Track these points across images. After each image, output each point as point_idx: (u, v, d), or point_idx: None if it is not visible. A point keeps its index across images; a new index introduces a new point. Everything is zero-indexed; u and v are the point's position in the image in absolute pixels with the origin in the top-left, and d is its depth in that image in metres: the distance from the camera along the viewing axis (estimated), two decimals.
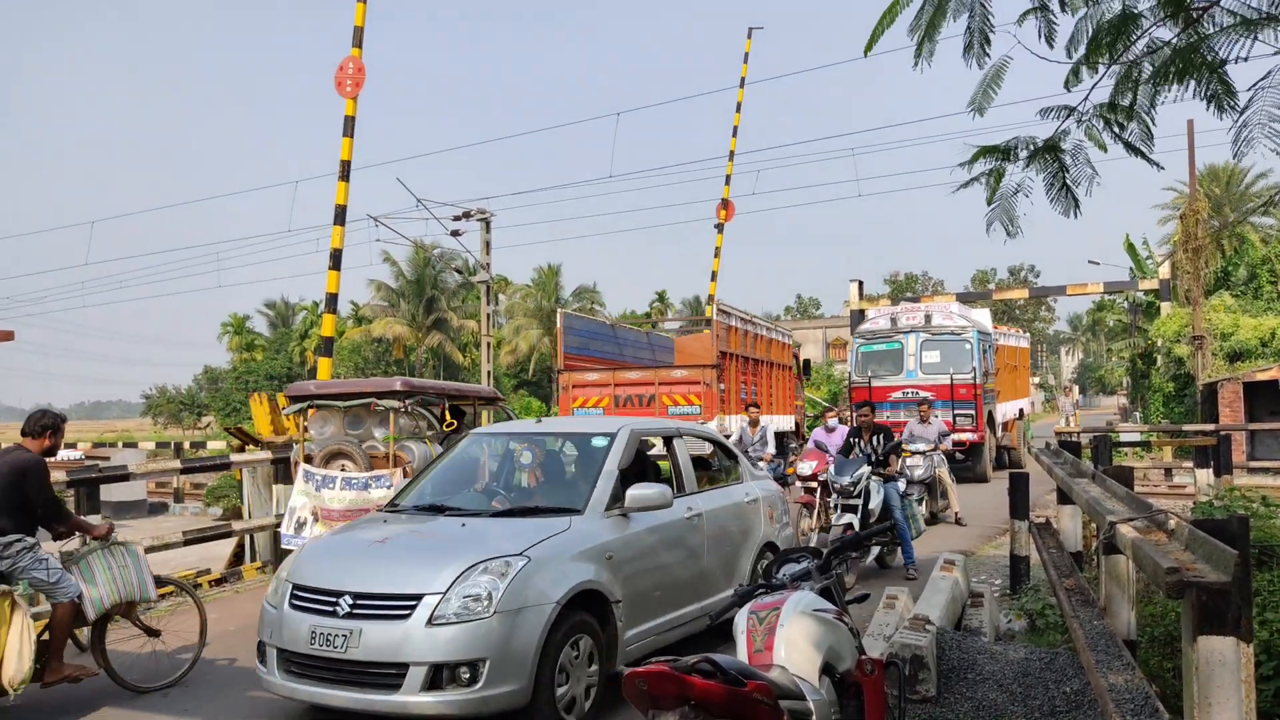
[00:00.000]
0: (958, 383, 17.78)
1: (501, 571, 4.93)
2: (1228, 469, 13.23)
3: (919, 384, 17.82)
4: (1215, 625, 2.79)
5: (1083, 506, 5.46)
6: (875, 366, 18.79)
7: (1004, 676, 5.48)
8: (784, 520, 7.93)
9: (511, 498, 6.50)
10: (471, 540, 5.36)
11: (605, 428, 6.54)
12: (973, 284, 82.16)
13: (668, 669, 2.78)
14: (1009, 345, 22.91)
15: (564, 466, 6.78)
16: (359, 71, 15.61)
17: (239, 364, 67.29)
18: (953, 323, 18.39)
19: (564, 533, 5.42)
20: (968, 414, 17.75)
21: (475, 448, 7.30)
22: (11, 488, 5.68)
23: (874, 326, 19.41)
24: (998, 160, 4.89)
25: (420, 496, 6.46)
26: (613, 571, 5.52)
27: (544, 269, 58.76)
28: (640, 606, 5.79)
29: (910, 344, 18.44)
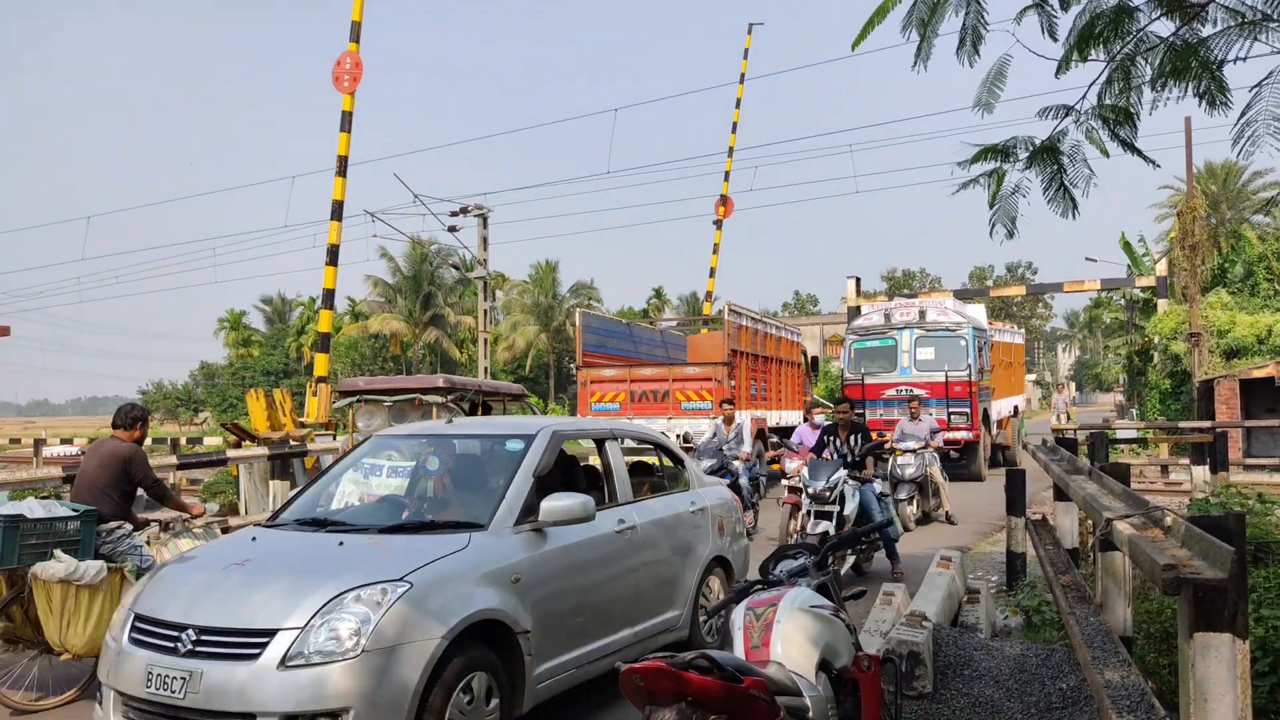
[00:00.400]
0: (952, 380, 17.49)
1: (376, 601, 4.15)
2: (1224, 466, 13.25)
3: (913, 381, 17.59)
4: (1211, 622, 2.79)
5: (1079, 503, 5.46)
6: (868, 363, 18.49)
7: (1000, 673, 5.49)
8: (737, 531, 7.17)
9: (408, 510, 5.63)
10: (345, 563, 4.55)
11: (523, 429, 5.79)
12: (970, 281, 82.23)
13: (664, 665, 2.77)
14: (1004, 341, 22.56)
15: (476, 474, 5.97)
16: (356, 66, 15.60)
17: (235, 360, 67.25)
18: (947, 319, 18.07)
19: (460, 552, 4.63)
20: (963, 412, 17.46)
21: (380, 451, 6.51)
22: (117, 475, 6.32)
23: (867, 322, 19.03)
24: (997, 161, 4.89)
25: (306, 508, 5.60)
26: (520, 596, 4.75)
27: (541, 265, 58.78)
28: (556, 636, 5.05)
29: (904, 340, 18.13)
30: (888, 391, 17.86)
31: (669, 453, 7.02)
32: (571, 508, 5.06)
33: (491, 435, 6.11)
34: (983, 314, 20.11)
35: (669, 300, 77.65)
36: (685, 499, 6.64)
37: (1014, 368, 23.83)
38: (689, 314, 75.48)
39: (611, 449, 6.16)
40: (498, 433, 6.10)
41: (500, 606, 4.61)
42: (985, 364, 18.71)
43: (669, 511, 6.37)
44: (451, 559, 4.56)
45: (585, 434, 6.43)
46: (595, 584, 5.47)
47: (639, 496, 6.27)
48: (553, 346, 57.87)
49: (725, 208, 25.64)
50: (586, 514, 5.12)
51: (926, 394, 17.04)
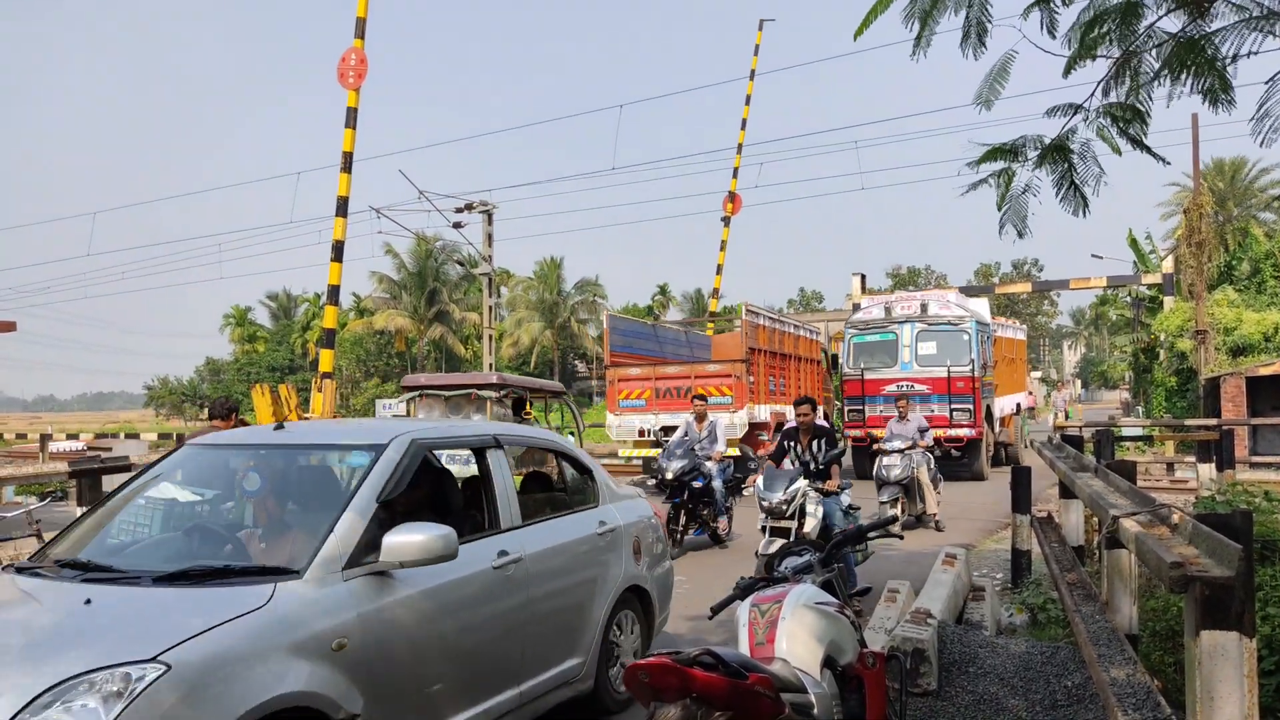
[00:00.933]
0: (955, 375, 16.92)
1: (115, 691, 2.97)
2: (1230, 464, 13.22)
3: (914, 376, 17.15)
4: (1218, 620, 2.78)
5: (1085, 501, 5.45)
6: (868, 358, 17.90)
7: (1005, 670, 5.48)
8: (657, 553, 6.04)
9: (201, 549, 4.26)
10: (82, 633, 3.34)
11: (372, 437, 4.48)
12: (976, 277, 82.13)
13: (669, 661, 2.77)
14: (1006, 337, 22.01)
15: (305, 498, 4.72)
16: (361, 63, 15.60)
17: (241, 355, 67.42)
18: (950, 312, 17.51)
19: (255, 612, 3.41)
20: (965, 408, 16.86)
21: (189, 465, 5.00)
22: None
23: (867, 316, 18.50)
24: (1007, 161, 4.87)
25: (80, 540, 4.32)
26: (346, 668, 3.58)
27: (546, 261, 58.83)
28: (402, 713, 3.89)
29: (905, 334, 17.55)
30: (888, 387, 17.27)
31: (573, 461, 5.93)
32: (426, 544, 3.85)
33: (330, 445, 5.00)
34: (985, 308, 19.61)
35: (674, 297, 77.67)
36: (592, 518, 5.50)
37: (1016, 364, 23.34)
38: (695, 311, 75.48)
39: (495, 460, 4.94)
40: (339, 442, 5.00)
41: (312, 687, 3.42)
42: (988, 359, 18.18)
43: (570, 535, 5.24)
44: (239, 624, 3.33)
45: (459, 442, 5.20)
46: (462, 639, 4.28)
47: (531, 519, 5.05)
48: (557, 343, 57.92)
49: (734, 204, 25.58)
50: (447, 551, 3.91)
51: (928, 389, 16.73)
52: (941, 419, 16.55)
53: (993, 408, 18.48)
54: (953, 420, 16.74)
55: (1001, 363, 20.51)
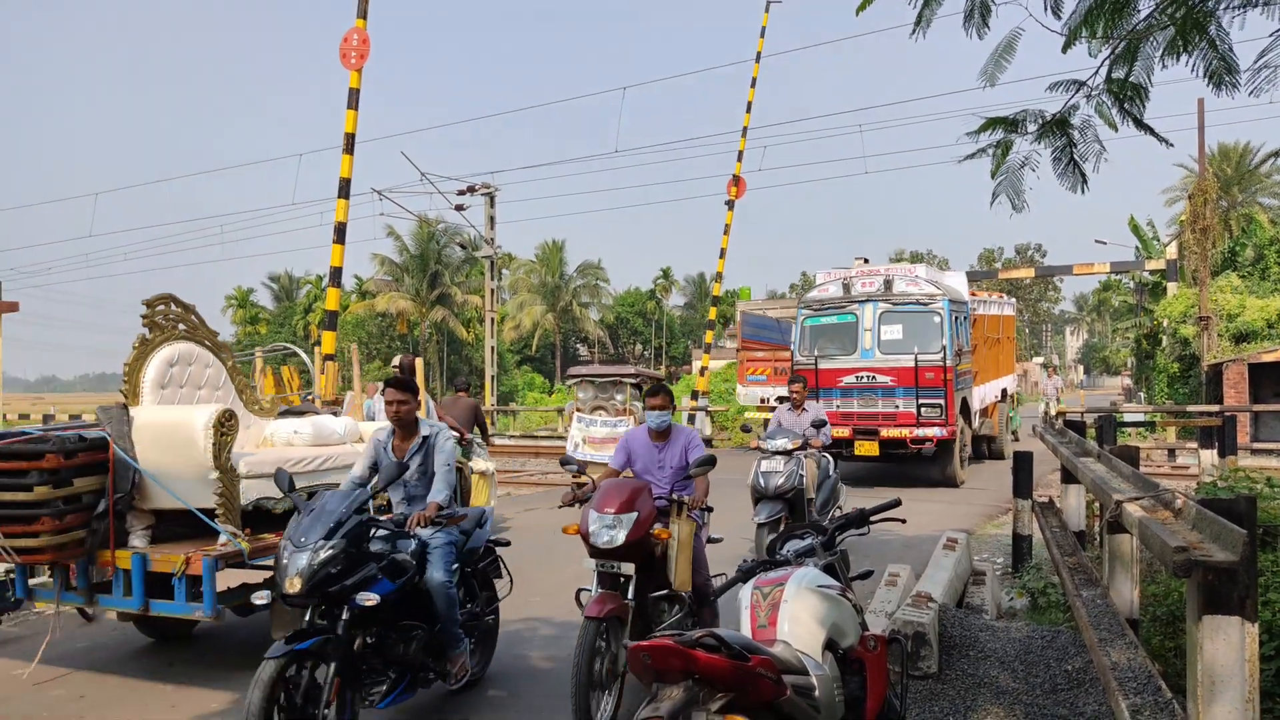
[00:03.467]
0: (923, 365, 14.38)
1: None
2: (1232, 450, 13.23)
3: (875, 366, 14.72)
4: (1221, 605, 2.79)
5: (1088, 485, 5.45)
6: (825, 343, 15.32)
7: (1006, 654, 5.50)
8: None
9: None
10: None
11: None
12: (980, 263, 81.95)
13: (672, 643, 2.78)
14: (990, 314, 19.14)
15: None
16: (364, 43, 15.51)
17: (243, 337, 67.37)
18: (919, 290, 14.90)
19: None
20: (935, 404, 14.38)
21: None
22: (472, 417, 10.88)
23: (823, 294, 15.64)
24: (1005, 131, 4.89)
25: None
26: None
27: (548, 245, 58.69)
28: None
29: (866, 316, 14.93)
30: (846, 378, 14.88)
31: None
32: None
33: None
34: (963, 283, 17.06)
35: (676, 281, 77.58)
36: None
37: (1003, 344, 20.57)
38: (698, 295, 75.30)
39: None
40: None
41: None
42: (965, 343, 15.72)
43: None
44: None
45: None
46: None
47: None
48: (559, 326, 57.85)
49: (738, 188, 25.45)
50: None
51: (892, 381, 14.58)
52: (907, 416, 14.47)
53: (970, 400, 16.11)
54: (920, 418, 14.41)
55: (984, 344, 18.10)
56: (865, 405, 14.71)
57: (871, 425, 14.56)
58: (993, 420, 18.58)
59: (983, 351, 17.65)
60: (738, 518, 9.11)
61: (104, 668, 6.16)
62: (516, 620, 7.03)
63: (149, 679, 5.91)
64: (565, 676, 5.72)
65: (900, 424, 14.43)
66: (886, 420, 14.54)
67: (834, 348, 15.18)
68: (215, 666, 6.15)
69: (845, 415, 14.73)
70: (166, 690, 5.69)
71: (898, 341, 14.72)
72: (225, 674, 5.96)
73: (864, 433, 14.57)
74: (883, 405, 14.60)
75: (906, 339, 14.66)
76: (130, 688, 5.78)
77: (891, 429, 14.44)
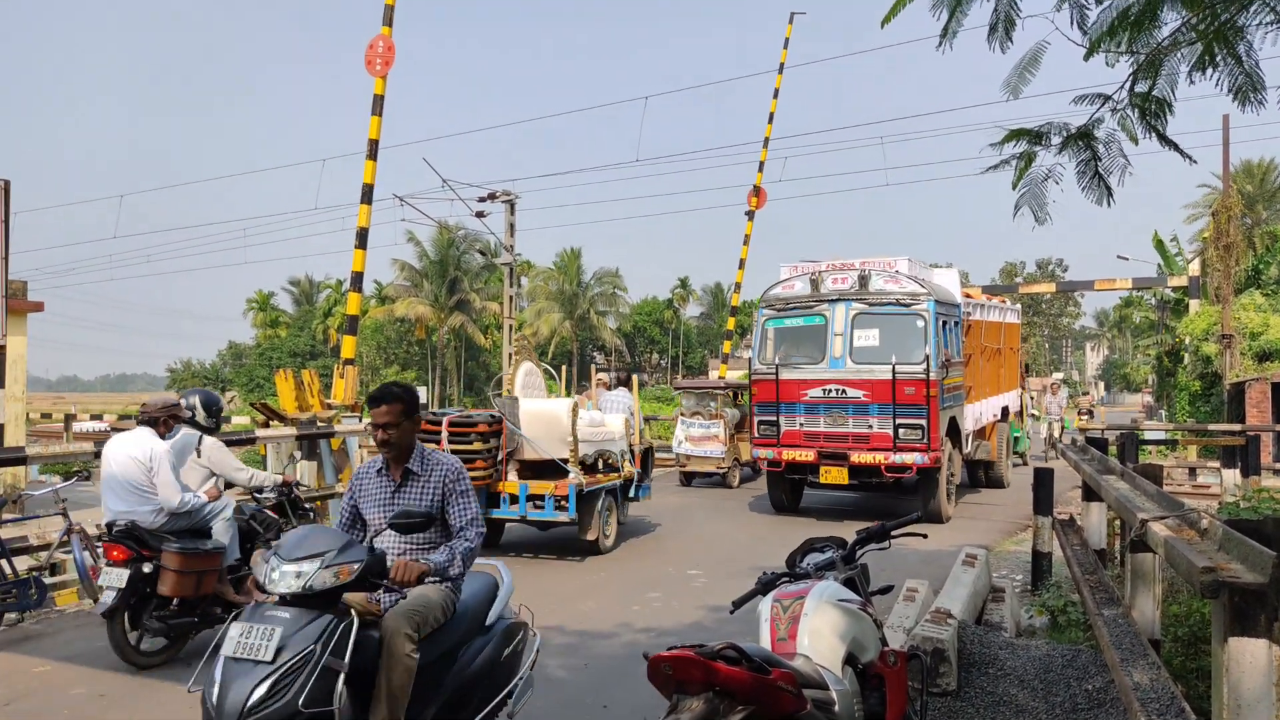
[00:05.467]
0: (903, 377, 12.06)
1: None
2: (1255, 470, 13.08)
3: (846, 377, 12.42)
4: (1248, 627, 2.76)
5: (1111, 503, 5.41)
6: (790, 349, 13.06)
7: (1025, 672, 5.45)
8: None
9: None
10: None
11: None
12: (1001, 276, 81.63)
13: (693, 654, 2.77)
14: (989, 321, 16.41)
15: None
16: (389, 50, 15.64)
17: (263, 340, 67.89)
18: (899, 287, 12.56)
19: None
20: (915, 423, 12.11)
21: None
22: None
23: (787, 291, 13.32)
24: (1029, 143, 4.88)
25: None
26: None
27: (566, 252, 58.84)
28: None
29: (837, 317, 12.66)
30: (811, 391, 12.66)
31: None
32: None
33: None
34: (954, 282, 14.55)
35: (694, 291, 77.58)
36: None
37: (1005, 356, 17.69)
38: (715, 306, 75.27)
39: None
40: None
41: None
42: (955, 353, 13.31)
43: None
44: None
45: None
46: None
47: None
48: (576, 334, 57.94)
49: (758, 198, 25.43)
50: None
51: (866, 396, 12.28)
52: (883, 438, 12.23)
53: (961, 419, 13.65)
54: (898, 440, 12.15)
55: (983, 354, 15.63)
56: (833, 424, 12.53)
57: (840, 448, 12.48)
58: (990, 443, 16.02)
59: (979, 363, 15.25)
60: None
61: (124, 667, 6.19)
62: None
63: (168, 679, 5.95)
64: (580, 686, 5.74)
65: (874, 447, 12.28)
66: (858, 442, 12.41)
67: (798, 355, 12.96)
68: None
69: (809, 435, 12.69)
70: (183, 690, 5.72)
71: (873, 349, 12.46)
72: None
73: (831, 456, 12.52)
74: (854, 424, 12.41)
75: (884, 346, 12.37)
76: (150, 687, 5.82)
77: (863, 453, 12.33)
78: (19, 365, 13.87)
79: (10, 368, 13.44)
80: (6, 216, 10.90)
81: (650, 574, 9.15)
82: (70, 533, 7.39)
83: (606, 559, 9.98)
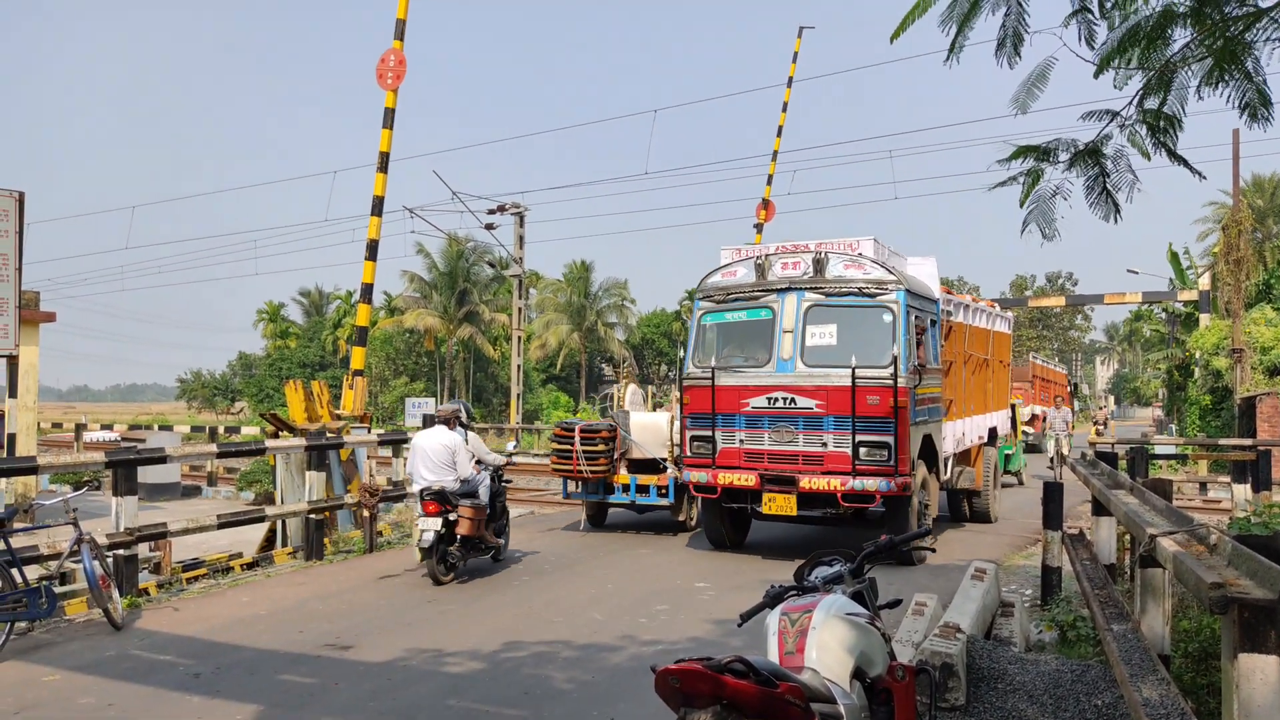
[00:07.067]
0: (865, 384, 9.79)
1: None
2: (1266, 485, 13.03)
3: (796, 384, 10.12)
4: (1258, 643, 2.75)
5: (1121, 519, 5.39)
6: (732, 349, 10.87)
7: (1034, 687, 5.42)
8: None
9: None
10: None
11: None
12: (1011, 290, 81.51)
13: (701, 667, 2.78)
14: (975, 326, 13.93)
15: None
16: (400, 64, 15.73)
17: (273, 351, 68.05)
18: (862, 275, 10.27)
19: None
20: (880, 441, 9.85)
21: None
22: None
23: (728, 279, 10.95)
24: (1036, 160, 4.89)
25: None
26: None
27: (575, 264, 58.91)
28: None
29: (787, 311, 10.39)
30: (754, 400, 10.34)
31: None
32: None
33: None
34: (932, 274, 11.87)
35: None
36: None
37: (993, 370, 15.10)
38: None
39: None
40: None
41: None
42: (932, 357, 11.11)
43: None
44: None
45: None
46: None
47: None
48: (584, 346, 57.97)
49: (767, 211, 25.48)
50: None
51: (820, 406, 9.99)
52: (839, 459, 9.94)
53: (938, 439, 11.25)
54: (858, 463, 9.85)
55: (964, 364, 13.13)
56: (780, 441, 10.21)
57: (787, 470, 10.13)
58: (975, 470, 13.59)
59: (962, 374, 12.96)
60: None
61: (132, 677, 6.21)
62: (538, 641, 7.03)
63: (176, 689, 5.96)
64: (587, 699, 5.73)
65: (829, 470, 9.96)
66: (809, 464, 10.06)
67: (740, 356, 10.73)
68: (239, 679, 6.20)
69: (751, 455, 10.35)
70: (193, 701, 5.74)
71: (830, 348, 10.20)
72: (247, 687, 6.00)
73: (776, 481, 10.16)
74: (804, 442, 10.09)
75: (843, 345, 10.12)
76: (158, 698, 5.83)
77: (815, 478, 9.97)
78: (31, 375, 13.94)
79: (22, 378, 13.51)
80: (20, 228, 10.98)
81: (657, 586, 9.15)
82: (80, 542, 7.42)
83: (610, 573, 9.97)
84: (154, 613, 8.03)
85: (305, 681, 6.09)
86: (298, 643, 6.99)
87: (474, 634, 7.23)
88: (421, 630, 7.37)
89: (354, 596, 8.68)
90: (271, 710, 5.55)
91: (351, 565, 10.37)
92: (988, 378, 14.65)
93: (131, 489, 8.63)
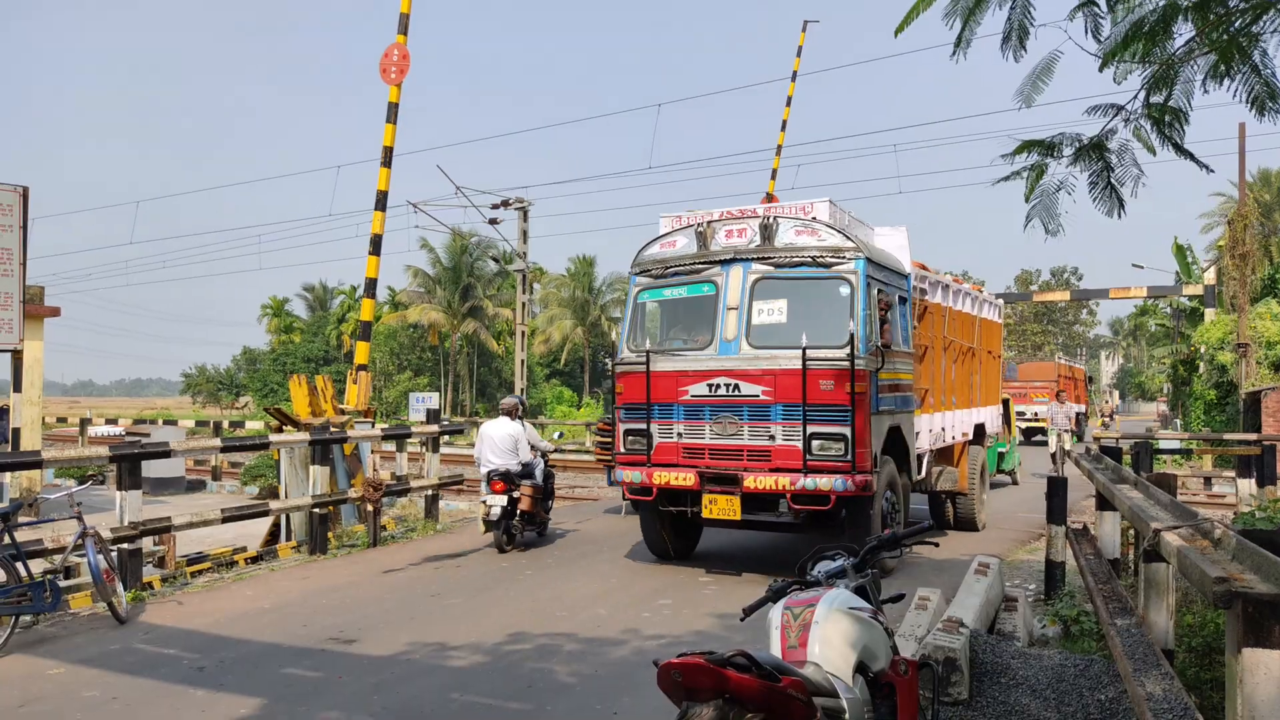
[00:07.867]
0: (817, 366, 8.57)
1: None
2: (1271, 479, 12.99)
3: (740, 368, 8.92)
4: (1262, 638, 2.74)
5: (1125, 513, 5.38)
6: (672, 328, 9.96)
7: (1037, 682, 5.42)
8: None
9: None
10: None
11: None
12: (1016, 284, 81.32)
13: (703, 661, 2.77)
14: (960, 310, 12.54)
15: None
16: (404, 58, 15.70)
17: (277, 345, 68.11)
18: (816, 241, 9.01)
19: None
20: (834, 432, 8.56)
21: None
22: None
23: (667, 250, 9.71)
24: (1040, 154, 4.87)
25: None
26: None
27: (579, 259, 58.85)
28: None
29: (731, 285, 9.19)
30: (693, 387, 9.11)
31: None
32: None
33: None
34: (903, 246, 10.49)
35: None
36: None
37: (982, 361, 13.65)
38: None
39: None
40: None
41: None
42: (901, 339, 9.79)
43: None
44: None
45: None
46: None
47: None
48: (588, 341, 57.95)
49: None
50: None
51: (766, 394, 8.78)
52: (789, 453, 8.69)
53: (908, 432, 9.82)
54: (810, 457, 8.60)
55: (944, 351, 11.67)
56: (722, 434, 8.98)
57: (730, 468, 8.90)
58: (959, 470, 12.11)
59: (942, 363, 11.58)
60: None
61: (136, 670, 6.23)
62: (541, 634, 7.04)
63: (180, 683, 5.98)
64: (589, 693, 5.74)
65: (778, 467, 8.72)
66: (755, 459, 8.83)
67: (679, 337, 9.74)
68: (243, 673, 6.21)
69: (690, 451, 9.15)
70: (197, 695, 5.75)
71: (779, 326, 8.99)
72: (251, 681, 6.01)
73: (717, 480, 8.93)
74: (750, 434, 8.87)
75: (794, 322, 8.89)
76: (162, 691, 5.84)
77: (762, 476, 8.71)
78: (35, 370, 13.96)
79: (27, 372, 13.53)
80: (25, 222, 10.99)
81: (660, 581, 9.14)
82: (85, 536, 7.43)
83: (614, 568, 9.98)
84: (158, 606, 8.05)
85: (309, 675, 6.10)
86: (301, 636, 7.01)
87: (478, 628, 7.24)
88: (425, 624, 7.39)
89: (358, 590, 8.70)
90: (275, 704, 5.56)
91: (355, 559, 10.39)
92: (974, 369, 13.23)
93: (136, 483, 8.65)
